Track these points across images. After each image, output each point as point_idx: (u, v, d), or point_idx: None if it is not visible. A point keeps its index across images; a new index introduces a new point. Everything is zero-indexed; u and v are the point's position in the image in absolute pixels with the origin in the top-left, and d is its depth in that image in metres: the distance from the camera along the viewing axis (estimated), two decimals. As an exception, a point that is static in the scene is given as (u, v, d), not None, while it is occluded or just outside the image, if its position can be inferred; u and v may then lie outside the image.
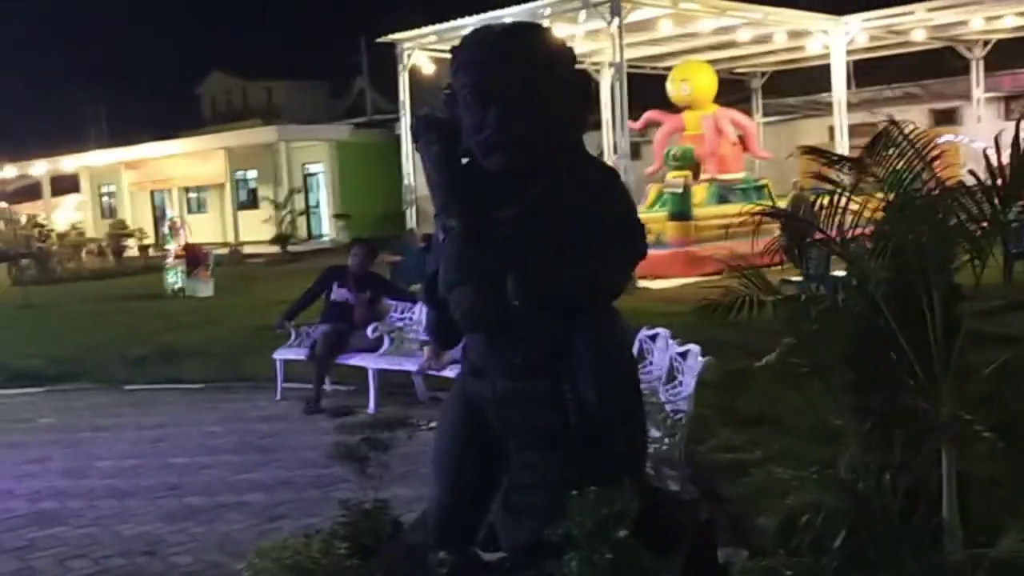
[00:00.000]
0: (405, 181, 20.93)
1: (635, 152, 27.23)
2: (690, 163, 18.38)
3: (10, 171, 39.26)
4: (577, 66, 3.95)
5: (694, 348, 5.11)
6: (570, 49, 3.95)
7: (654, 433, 4.98)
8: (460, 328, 3.82)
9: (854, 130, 19.98)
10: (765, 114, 26.07)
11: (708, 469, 5.27)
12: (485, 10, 18.41)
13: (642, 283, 14.91)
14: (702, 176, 18.60)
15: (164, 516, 5.61)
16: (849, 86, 22.03)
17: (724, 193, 18.14)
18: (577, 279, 3.67)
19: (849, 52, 20.88)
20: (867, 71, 24.44)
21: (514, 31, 3.86)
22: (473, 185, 3.83)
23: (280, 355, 8.81)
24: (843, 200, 3.59)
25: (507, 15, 18.03)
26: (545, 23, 18.17)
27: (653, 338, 5.83)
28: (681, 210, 16.78)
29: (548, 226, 3.68)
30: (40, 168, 39.64)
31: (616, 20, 16.39)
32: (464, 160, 3.90)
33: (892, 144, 3.44)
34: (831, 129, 22.03)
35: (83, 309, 18.55)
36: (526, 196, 3.72)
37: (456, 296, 3.73)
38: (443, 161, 3.88)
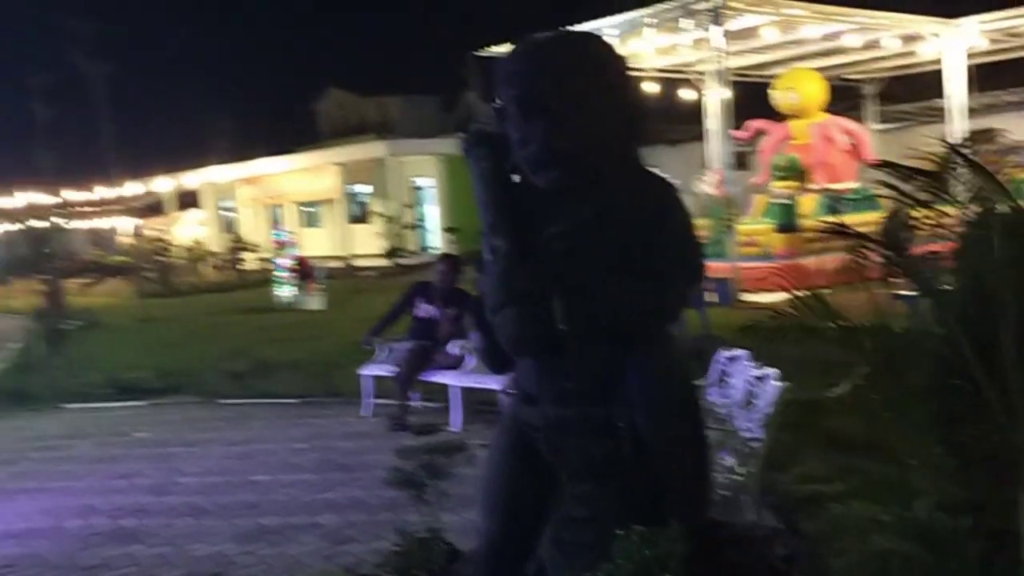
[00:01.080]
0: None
1: (742, 163, 26.71)
2: (796, 173, 17.84)
3: (136, 188, 40.79)
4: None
5: (770, 372, 4.85)
6: (622, 58, 3.78)
7: (729, 462, 4.76)
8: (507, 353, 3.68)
9: (977, 137, 19.08)
10: (880, 121, 25.16)
11: (789, 501, 4.99)
12: (584, 20, 18.26)
13: (746, 296, 14.53)
14: (811, 186, 18.04)
15: (237, 536, 5.62)
16: (971, 90, 21.08)
17: (834, 203, 17.51)
18: (628, 301, 3.50)
19: (968, 56, 19.97)
20: (990, 75, 23.35)
21: (560, 40, 3.69)
22: (523, 203, 3.68)
23: (366, 371, 8.82)
24: (921, 215, 3.33)
25: (606, 25, 17.86)
26: (647, 33, 17.97)
27: (733, 360, 5.58)
28: (787, 221, 16.29)
29: (599, 245, 3.51)
30: (163, 184, 41.09)
31: (717, 28, 16.03)
32: (516, 177, 3.75)
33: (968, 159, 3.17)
34: (949, 136, 21.13)
35: (198, 322, 19.09)
36: (577, 213, 3.56)
37: (500, 320, 3.58)
38: (492, 178, 3.74)
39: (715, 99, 16.98)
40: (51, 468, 7.58)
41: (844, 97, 23.79)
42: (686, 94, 22.16)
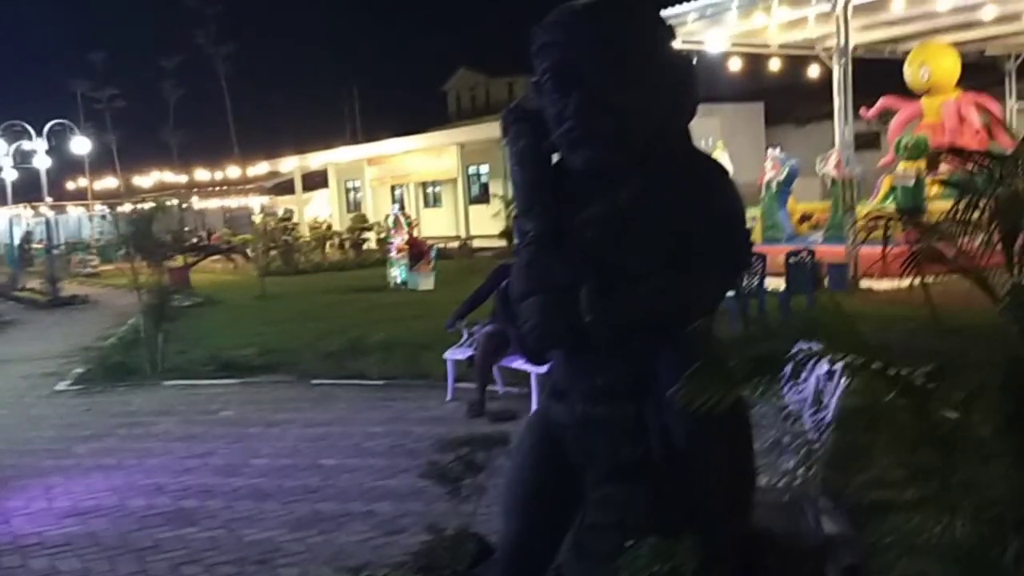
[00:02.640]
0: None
1: (874, 142, 25.54)
2: (923, 153, 16.87)
3: (264, 167, 41.82)
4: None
5: (839, 368, 4.43)
6: (669, 27, 3.43)
7: (792, 464, 4.39)
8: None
9: None
10: (1021, 98, 23.62)
11: (855, 507, 4.57)
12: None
13: (865, 283, 13.81)
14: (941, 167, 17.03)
15: (291, 522, 5.53)
16: None
17: (963, 186, 16.48)
18: (659, 293, 3.18)
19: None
20: None
21: (597, 6, 3.34)
22: (560, 185, 3.38)
23: (451, 355, 8.66)
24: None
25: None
26: (773, 6, 17.20)
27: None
28: (913, 204, 15.40)
29: (635, 231, 3.19)
30: (291, 164, 42.00)
31: (841, 1, 15.23)
32: (556, 157, 3.46)
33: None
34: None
35: (311, 301, 19.35)
36: (613, 197, 3.24)
37: (524, 309, 3.30)
38: (528, 157, 3.45)
39: (840, 76, 16.19)
40: (132, 445, 7.68)
41: (986, 73, 22.44)
42: (814, 71, 21.27)
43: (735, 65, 19.70)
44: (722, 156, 20.06)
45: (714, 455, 3.22)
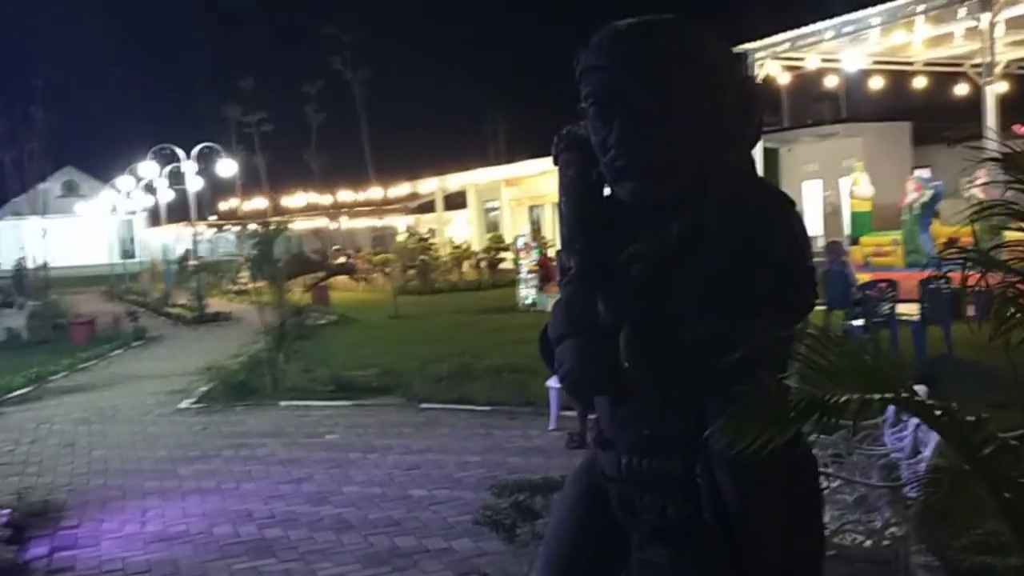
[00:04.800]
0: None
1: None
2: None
3: (406, 188, 42.58)
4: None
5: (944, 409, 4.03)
6: (727, 48, 3.16)
7: (884, 520, 4.02)
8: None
9: None
10: None
11: (954, 572, 4.15)
12: (844, 12, 16.97)
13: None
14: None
15: (367, 557, 5.43)
16: None
17: None
18: (706, 337, 2.90)
19: None
20: None
21: (642, 27, 3.08)
22: (609, 218, 3.15)
23: (554, 383, 8.46)
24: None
25: (870, 14, 16.51)
26: (916, 23, 16.41)
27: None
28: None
29: (684, 269, 2.93)
30: (431, 185, 42.66)
31: (988, 16, 14.38)
32: (607, 188, 3.24)
33: None
34: None
35: (439, 321, 19.52)
36: (661, 231, 2.99)
37: (560, 352, 3.07)
38: (575, 188, 3.23)
39: (990, 93, 15.28)
40: (234, 467, 7.77)
41: None
42: (963, 89, 20.20)
43: (877, 83, 18.88)
44: (862, 178, 19.28)
45: (770, 515, 2.92)
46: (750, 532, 2.93)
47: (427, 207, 46.37)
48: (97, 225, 49.82)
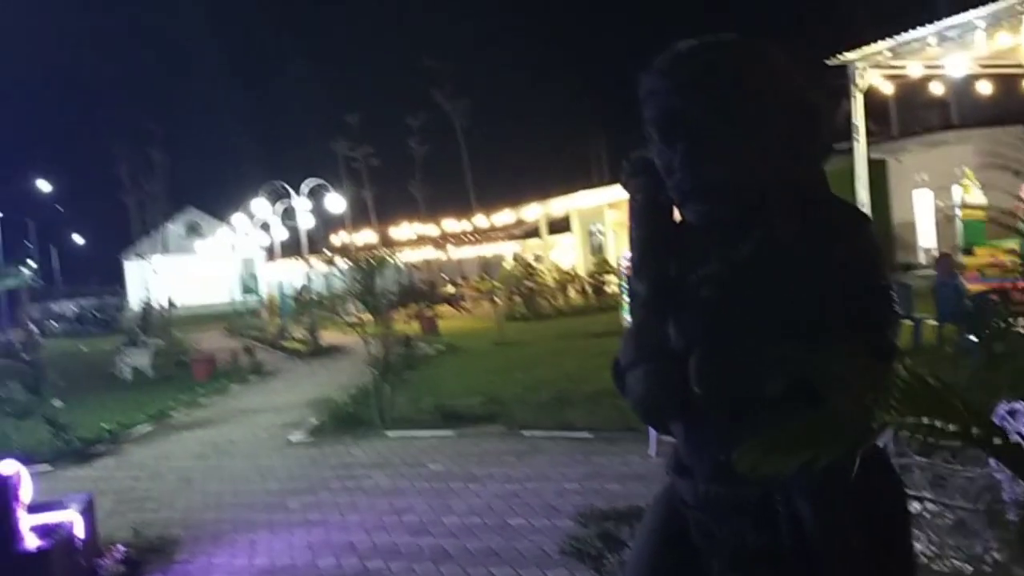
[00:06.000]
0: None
1: None
2: None
3: (510, 215, 42.87)
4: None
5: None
6: (791, 64, 3.13)
7: (985, 545, 3.89)
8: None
9: None
10: None
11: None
12: (948, 14, 16.49)
13: None
14: None
15: (463, 587, 5.50)
16: None
17: None
18: (780, 363, 2.86)
19: None
20: None
21: (703, 49, 3.07)
22: (679, 241, 3.16)
23: (653, 409, 8.40)
24: None
25: (973, 17, 15.99)
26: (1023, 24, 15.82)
27: (1013, 414, 4.58)
28: None
29: (754, 291, 2.91)
30: (534, 211, 42.89)
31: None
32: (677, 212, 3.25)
33: None
34: None
35: (545, 347, 19.57)
36: (730, 253, 2.98)
37: (631, 379, 3.08)
38: (645, 213, 3.24)
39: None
40: (340, 499, 7.95)
41: None
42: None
43: (985, 88, 18.27)
44: (972, 186, 18.64)
45: (851, 543, 2.87)
46: (831, 561, 2.88)
47: (532, 233, 46.62)
48: (217, 263, 51.58)
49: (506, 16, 71.24)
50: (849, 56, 18.86)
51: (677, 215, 3.23)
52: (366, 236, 44.39)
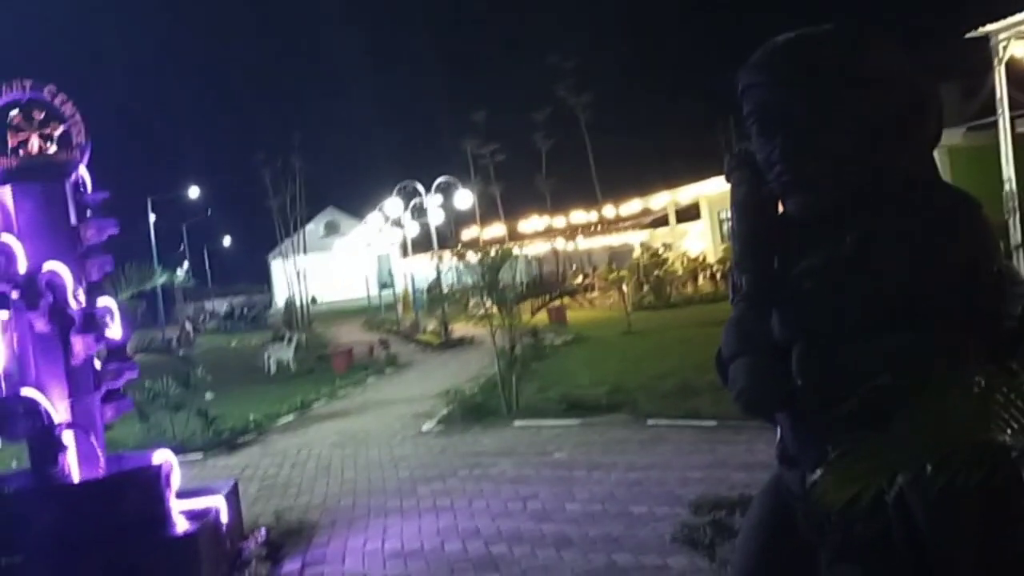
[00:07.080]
0: (1005, 187, 18.65)
1: None
2: None
3: (637, 204, 42.63)
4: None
5: None
6: (896, 49, 3.10)
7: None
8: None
9: None
10: None
11: None
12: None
13: None
14: None
15: (584, 573, 5.65)
16: None
17: None
18: (886, 356, 2.87)
19: None
20: None
21: (800, 41, 3.07)
22: (782, 233, 3.20)
23: (778, 397, 8.34)
24: None
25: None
26: None
27: None
28: None
29: (859, 282, 2.92)
30: (662, 199, 42.52)
31: None
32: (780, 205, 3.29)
33: None
34: None
35: (672, 336, 19.46)
36: (834, 244, 3.00)
37: (733, 371, 3.14)
38: (747, 205, 3.28)
39: None
40: (468, 486, 8.20)
41: None
42: None
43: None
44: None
45: (965, 536, 2.86)
46: (943, 552, 2.87)
47: (660, 221, 46.25)
48: (355, 260, 53.18)
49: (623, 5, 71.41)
50: (991, 27, 18.10)
51: (780, 208, 3.27)
52: (495, 230, 44.91)
